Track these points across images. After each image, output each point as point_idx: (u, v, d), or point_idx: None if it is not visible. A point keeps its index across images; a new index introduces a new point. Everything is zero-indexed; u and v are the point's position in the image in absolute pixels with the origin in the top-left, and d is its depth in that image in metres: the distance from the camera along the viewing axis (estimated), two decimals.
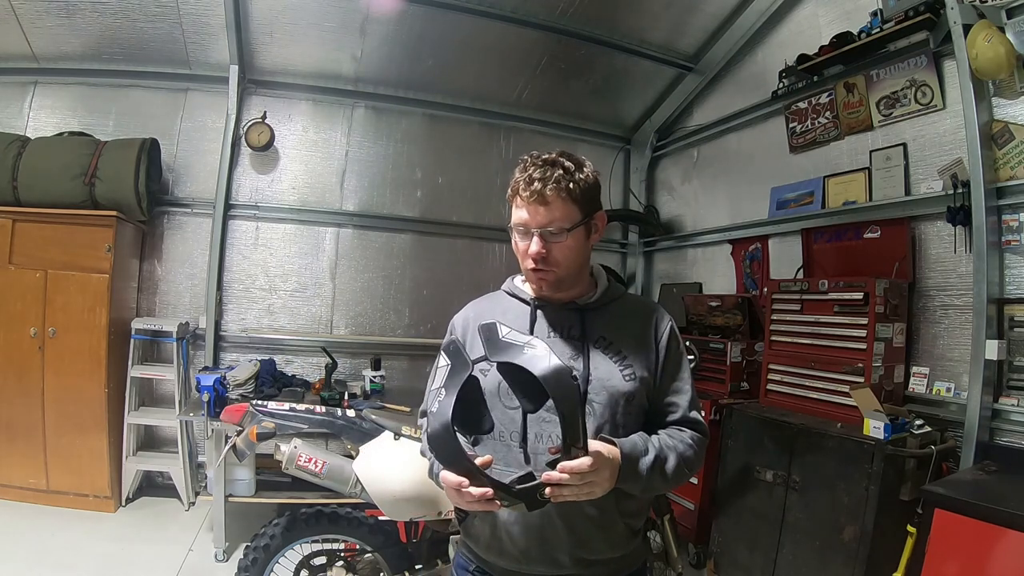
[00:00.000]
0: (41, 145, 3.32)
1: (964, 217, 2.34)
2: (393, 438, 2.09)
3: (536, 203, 1.08)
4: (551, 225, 1.09)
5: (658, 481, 1.07)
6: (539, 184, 1.08)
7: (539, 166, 1.10)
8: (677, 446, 1.11)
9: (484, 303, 1.28)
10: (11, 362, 3.18)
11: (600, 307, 1.20)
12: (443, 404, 0.94)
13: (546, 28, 3.62)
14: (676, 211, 4.44)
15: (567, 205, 1.10)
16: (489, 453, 1.05)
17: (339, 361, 3.65)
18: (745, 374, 3.13)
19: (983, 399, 2.20)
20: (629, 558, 1.17)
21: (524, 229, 1.11)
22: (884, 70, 2.77)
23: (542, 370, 0.91)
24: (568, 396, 0.91)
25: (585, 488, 0.95)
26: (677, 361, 1.19)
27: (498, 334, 0.97)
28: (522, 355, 0.94)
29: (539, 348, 0.94)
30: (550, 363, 0.91)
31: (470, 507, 0.99)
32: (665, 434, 1.13)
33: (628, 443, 1.04)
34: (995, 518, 1.68)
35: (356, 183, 4.11)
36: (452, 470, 0.96)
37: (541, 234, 1.09)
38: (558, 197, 1.08)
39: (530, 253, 1.10)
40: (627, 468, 1.02)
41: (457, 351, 1.00)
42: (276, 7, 3.43)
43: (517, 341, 0.96)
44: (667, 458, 1.08)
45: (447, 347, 1.01)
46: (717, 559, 2.77)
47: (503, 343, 0.96)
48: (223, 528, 2.87)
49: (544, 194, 1.08)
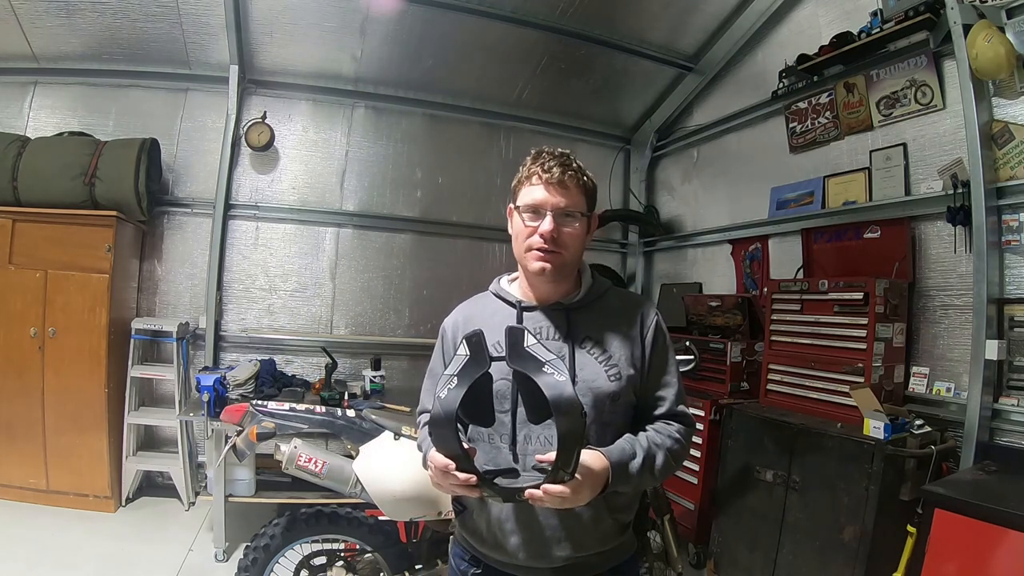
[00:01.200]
0: (41, 145, 3.32)
1: (964, 217, 2.34)
2: (393, 438, 2.09)
3: (556, 185, 1.14)
4: (570, 206, 1.14)
5: (648, 479, 1.11)
6: (559, 170, 1.14)
7: (556, 156, 1.16)
8: (664, 442, 1.14)
9: (472, 306, 1.29)
10: (11, 362, 3.18)
11: (585, 306, 1.21)
12: (452, 393, 0.98)
13: (546, 28, 3.62)
14: (676, 211, 4.44)
15: (580, 195, 1.17)
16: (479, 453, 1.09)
17: (339, 361, 3.65)
18: (745, 374, 3.13)
19: (983, 399, 2.19)
20: (618, 549, 1.20)
21: (537, 209, 1.14)
22: (884, 70, 2.77)
23: (556, 397, 0.93)
24: (573, 429, 0.93)
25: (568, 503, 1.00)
26: (664, 356, 1.21)
27: (523, 342, 0.99)
28: (542, 373, 0.96)
29: (559, 373, 0.95)
30: (565, 392, 0.93)
31: (452, 491, 1.05)
32: (653, 430, 1.15)
33: (616, 451, 1.07)
34: (995, 518, 1.68)
35: (356, 183, 4.11)
36: (443, 451, 1.00)
37: (555, 215, 1.13)
38: (575, 185, 1.16)
39: (542, 231, 1.13)
40: (618, 473, 1.05)
41: (480, 346, 1.02)
42: (276, 7, 3.43)
43: (541, 356, 0.97)
44: (655, 456, 1.11)
45: (471, 338, 1.02)
46: (717, 559, 2.77)
47: (526, 353, 0.98)
48: (223, 528, 2.87)
49: (564, 178, 1.14)
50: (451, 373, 1.00)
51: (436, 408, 0.99)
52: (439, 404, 0.98)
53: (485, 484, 1.00)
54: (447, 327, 1.28)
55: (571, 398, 0.94)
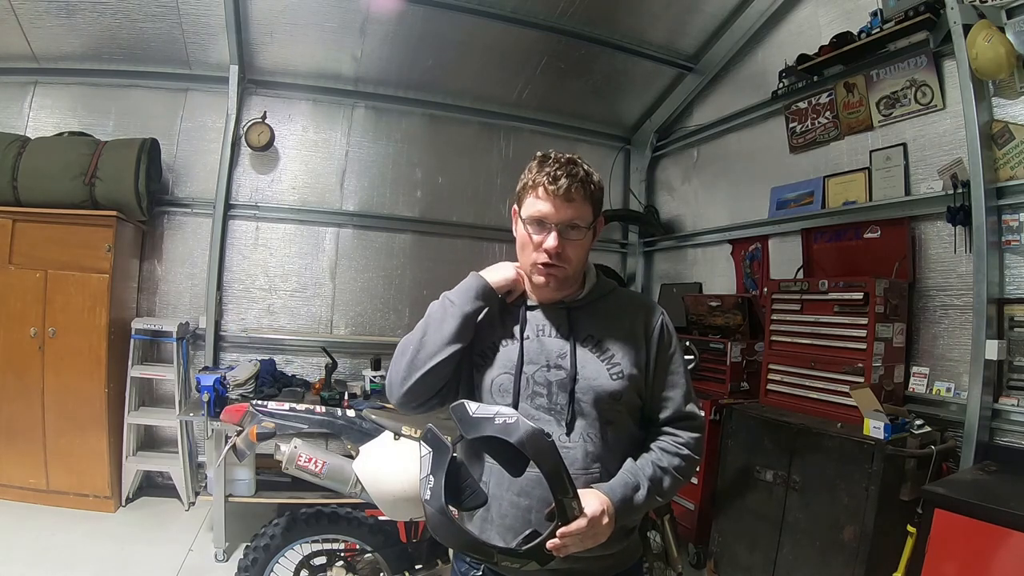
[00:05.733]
0: (41, 145, 3.31)
1: (964, 217, 2.34)
2: (393, 438, 2.08)
3: (563, 198, 1.10)
4: (576, 220, 1.11)
5: (655, 502, 1.13)
6: (566, 181, 1.10)
7: (563, 164, 1.12)
8: (672, 461, 1.14)
9: None
10: (11, 362, 3.18)
11: (588, 304, 1.20)
12: (434, 491, 0.99)
13: (546, 28, 3.62)
14: (676, 211, 4.44)
15: (586, 205, 1.13)
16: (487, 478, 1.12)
17: (339, 361, 3.65)
18: (745, 374, 3.13)
19: (983, 399, 2.20)
20: (622, 555, 1.19)
21: (543, 223, 1.12)
22: (884, 70, 2.77)
23: (518, 438, 0.95)
24: (546, 456, 0.95)
25: (589, 541, 1.00)
26: (669, 356, 1.20)
27: (468, 412, 1.00)
28: (495, 426, 0.97)
29: (508, 415, 0.97)
30: (522, 430, 0.95)
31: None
32: (659, 450, 1.15)
33: (619, 487, 1.08)
34: (995, 518, 1.68)
35: (356, 183, 4.11)
36: (458, 550, 1.02)
37: (560, 230, 1.11)
38: (581, 196, 1.12)
39: (546, 247, 1.11)
40: (622, 510, 1.06)
41: (435, 438, 1.03)
42: (276, 7, 3.42)
43: (487, 414, 0.99)
44: (661, 480, 1.12)
45: (425, 437, 1.04)
46: (717, 559, 2.77)
47: (474, 419, 1.00)
48: (223, 528, 2.87)
49: (571, 191, 1.10)
50: (425, 475, 1.01)
51: (427, 511, 0.99)
52: (428, 507, 0.99)
53: (512, 558, 1.00)
54: None
55: (529, 430, 0.95)
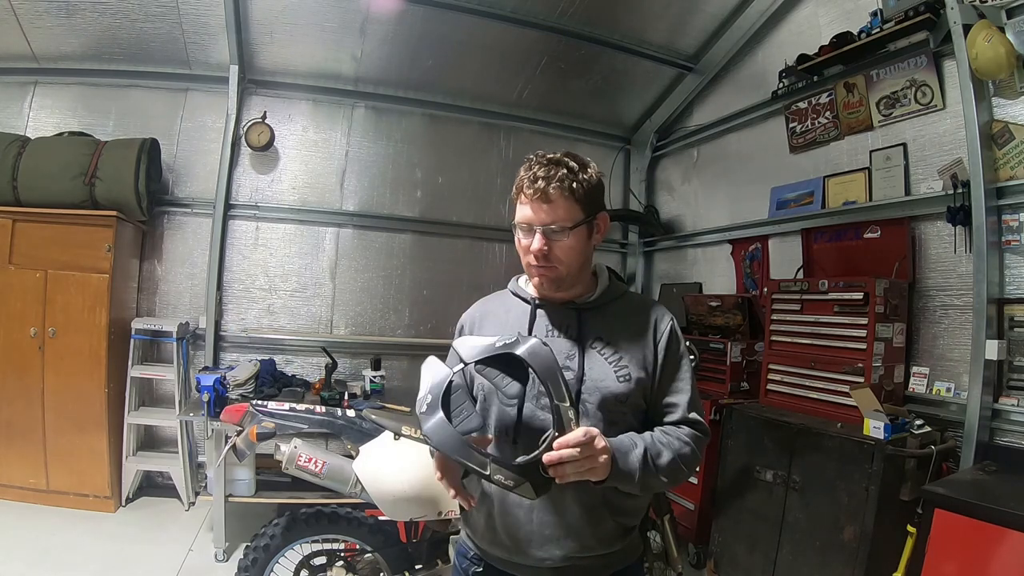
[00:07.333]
0: (41, 145, 3.31)
1: (964, 217, 2.34)
2: (393, 438, 2.08)
3: (539, 201, 1.10)
4: (553, 223, 1.11)
5: (653, 478, 1.07)
6: (543, 183, 1.10)
7: (544, 165, 1.12)
8: (672, 443, 1.11)
9: (491, 302, 1.31)
10: (11, 362, 3.18)
11: (599, 307, 1.20)
12: (431, 403, 1.01)
13: (546, 28, 3.62)
14: (676, 211, 4.44)
15: (570, 204, 1.11)
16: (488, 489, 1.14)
17: (339, 361, 3.64)
18: (745, 374, 3.13)
19: (983, 399, 2.20)
20: (620, 554, 1.19)
21: (527, 226, 1.13)
22: (884, 70, 2.77)
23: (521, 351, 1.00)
24: (544, 360, 0.98)
25: (585, 463, 0.96)
26: (676, 362, 1.19)
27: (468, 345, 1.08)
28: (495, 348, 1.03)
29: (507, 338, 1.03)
30: (523, 343, 1.01)
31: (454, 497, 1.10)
32: (659, 431, 1.13)
33: (615, 441, 1.05)
34: (995, 518, 1.68)
35: (356, 183, 4.11)
36: (451, 454, 0.98)
37: (543, 231, 1.11)
38: (561, 196, 1.10)
39: (532, 249, 1.12)
40: (617, 460, 1.02)
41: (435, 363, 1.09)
42: (276, 7, 3.42)
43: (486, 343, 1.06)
44: (660, 453, 1.08)
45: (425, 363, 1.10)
46: (717, 559, 2.77)
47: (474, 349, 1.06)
48: (223, 528, 2.87)
49: (548, 192, 1.09)
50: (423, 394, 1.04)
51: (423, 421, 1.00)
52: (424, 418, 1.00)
53: (509, 473, 0.96)
54: (464, 321, 1.30)
55: (528, 341, 0.99)
